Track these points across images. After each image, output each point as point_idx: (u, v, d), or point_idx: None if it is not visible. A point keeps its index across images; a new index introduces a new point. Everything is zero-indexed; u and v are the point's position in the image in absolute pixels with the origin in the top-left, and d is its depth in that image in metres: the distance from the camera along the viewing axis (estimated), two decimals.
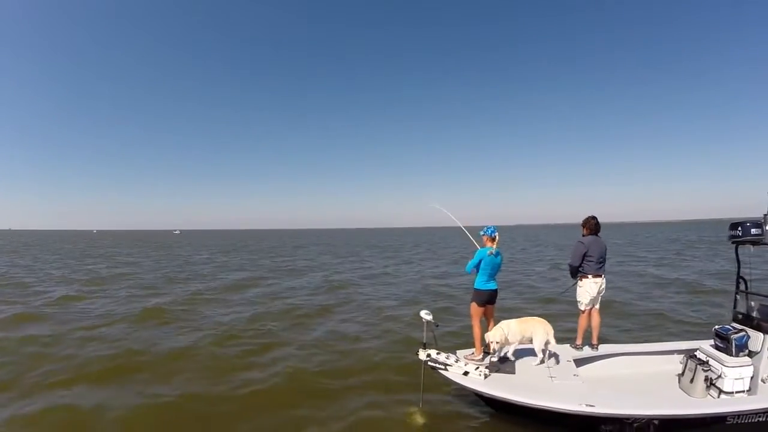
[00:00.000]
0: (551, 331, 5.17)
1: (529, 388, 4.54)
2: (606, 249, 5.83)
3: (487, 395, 4.57)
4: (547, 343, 5.13)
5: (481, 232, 5.50)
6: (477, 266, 5.33)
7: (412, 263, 26.36)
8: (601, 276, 5.70)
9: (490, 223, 5.46)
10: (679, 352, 5.57)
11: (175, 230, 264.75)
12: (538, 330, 5.12)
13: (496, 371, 4.86)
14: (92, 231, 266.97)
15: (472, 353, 5.38)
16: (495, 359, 4.89)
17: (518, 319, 5.20)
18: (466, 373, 4.81)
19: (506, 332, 4.72)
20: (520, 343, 5.19)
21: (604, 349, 5.74)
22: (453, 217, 6.43)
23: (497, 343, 4.69)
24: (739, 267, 5.13)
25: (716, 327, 4.96)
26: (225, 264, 26.96)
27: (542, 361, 5.13)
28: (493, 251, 5.30)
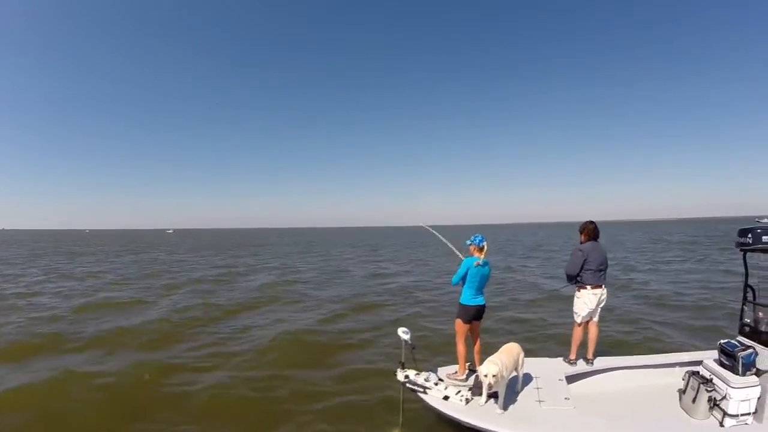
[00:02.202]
0: (523, 353, 4.77)
1: (515, 416, 4.09)
2: (606, 256, 5.38)
3: (467, 425, 4.11)
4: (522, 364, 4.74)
5: (468, 242, 5.00)
6: (463, 278, 4.85)
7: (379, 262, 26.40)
8: (601, 286, 5.25)
9: (481, 224, 5.00)
10: (681, 364, 5.17)
11: (169, 230, 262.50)
12: (520, 356, 4.67)
13: (479, 395, 4.39)
14: (85, 231, 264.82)
15: (455, 372, 4.93)
16: (483, 398, 4.34)
17: (504, 351, 4.61)
18: (446, 398, 4.36)
19: (502, 368, 4.20)
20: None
21: (600, 362, 5.30)
22: (441, 237, 6.08)
23: (494, 377, 4.05)
24: (747, 275, 4.68)
25: (721, 342, 4.50)
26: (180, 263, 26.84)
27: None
28: (480, 261, 4.82)
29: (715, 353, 4.59)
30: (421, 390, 4.51)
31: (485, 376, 4.08)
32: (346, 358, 7.44)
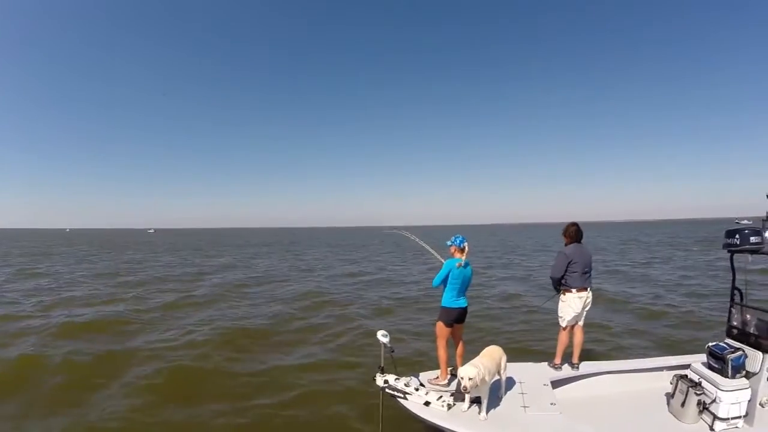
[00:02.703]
0: (505, 356, 4.53)
1: (499, 422, 3.88)
2: (591, 258, 5.25)
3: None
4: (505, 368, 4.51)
5: (449, 242, 4.83)
6: (445, 280, 4.66)
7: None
8: (586, 289, 5.11)
9: (462, 225, 4.81)
10: (669, 368, 5.04)
11: (150, 229, 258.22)
12: (502, 359, 4.44)
13: (462, 401, 4.18)
14: (65, 230, 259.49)
15: (437, 377, 4.70)
16: (466, 404, 4.12)
17: (485, 354, 4.38)
18: (427, 404, 4.13)
19: (483, 371, 3.98)
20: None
21: (586, 367, 5.14)
22: (420, 241, 5.96)
23: (470, 380, 3.80)
24: (734, 277, 4.58)
25: (710, 344, 4.38)
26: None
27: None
28: (462, 263, 4.63)
29: (703, 357, 4.48)
30: (401, 396, 4.27)
31: (461, 378, 3.87)
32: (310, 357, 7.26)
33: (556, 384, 4.78)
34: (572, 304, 5.11)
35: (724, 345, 4.29)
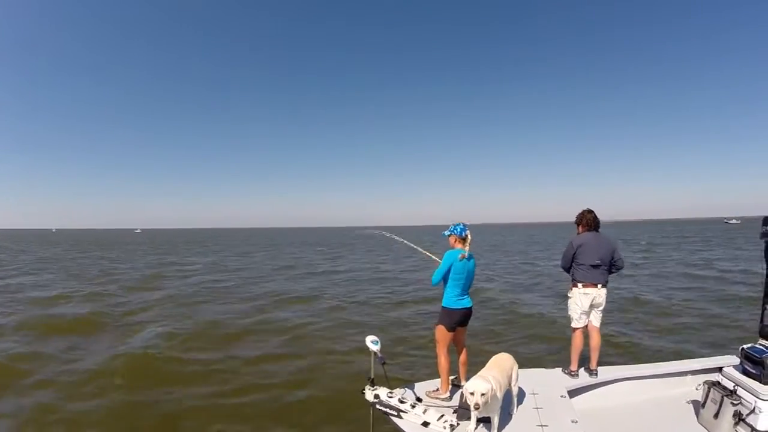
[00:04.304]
0: (517, 366, 3.84)
1: None
2: (612, 249, 4.57)
3: None
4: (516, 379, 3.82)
5: (447, 233, 4.11)
6: (445, 276, 3.95)
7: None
8: (596, 285, 4.48)
9: (457, 221, 4.13)
10: (693, 372, 4.52)
11: (136, 229, 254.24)
12: (514, 370, 3.75)
13: (467, 419, 3.51)
14: (51, 230, 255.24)
15: (436, 390, 4.02)
16: (472, 424, 3.42)
17: (495, 364, 3.67)
18: (426, 424, 3.46)
19: (495, 386, 3.29)
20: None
21: (604, 373, 4.55)
22: (404, 240, 5.34)
23: (483, 395, 3.14)
24: None
25: (745, 347, 3.80)
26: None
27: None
28: (466, 254, 3.93)
29: (731, 359, 4.02)
30: (395, 413, 3.61)
31: (471, 393, 3.18)
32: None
33: (572, 393, 4.18)
34: (578, 301, 4.52)
35: (763, 347, 3.71)
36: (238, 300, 12.77)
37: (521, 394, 3.91)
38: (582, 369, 4.57)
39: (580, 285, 4.49)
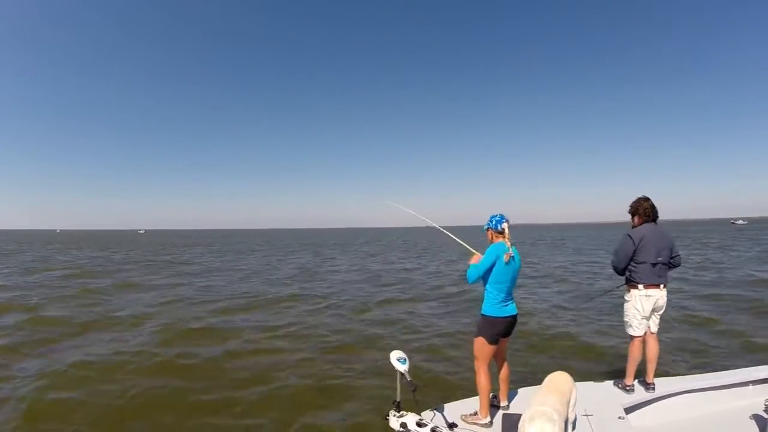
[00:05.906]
0: (576, 388, 3.10)
1: None
2: (671, 243, 3.91)
3: None
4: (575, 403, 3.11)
5: (485, 227, 3.44)
6: (486, 275, 3.27)
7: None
8: (659, 286, 3.81)
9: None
10: (755, 382, 4.04)
11: (140, 230, 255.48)
12: (573, 393, 3.01)
13: None
14: (56, 230, 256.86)
15: (475, 413, 3.35)
16: None
17: (551, 387, 2.91)
18: None
19: (560, 423, 2.56)
20: None
21: (662, 387, 3.94)
22: (418, 214, 4.57)
23: None
24: None
25: None
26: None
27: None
28: (511, 252, 3.24)
29: None
30: None
31: None
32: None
33: (629, 410, 3.61)
34: (638, 305, 3.83)
35: None
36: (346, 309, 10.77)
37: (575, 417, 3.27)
38: (637, 381, 3.96)
39: (641, 286, 3.81)
